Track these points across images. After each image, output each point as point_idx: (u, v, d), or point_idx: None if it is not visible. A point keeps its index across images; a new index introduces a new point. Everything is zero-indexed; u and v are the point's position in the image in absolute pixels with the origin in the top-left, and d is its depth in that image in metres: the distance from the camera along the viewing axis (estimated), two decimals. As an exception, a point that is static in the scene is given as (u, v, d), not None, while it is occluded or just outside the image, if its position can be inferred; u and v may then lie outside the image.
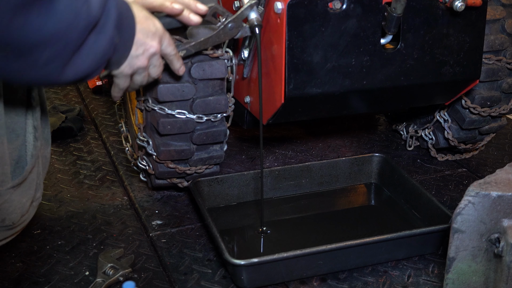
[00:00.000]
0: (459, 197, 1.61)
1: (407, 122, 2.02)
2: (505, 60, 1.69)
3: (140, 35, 1.20)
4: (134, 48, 1.20)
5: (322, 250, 1.34)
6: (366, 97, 1.58)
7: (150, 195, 1.71)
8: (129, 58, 1.20)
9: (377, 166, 1.77)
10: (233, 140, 2.03)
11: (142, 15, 1.21)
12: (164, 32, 1.27)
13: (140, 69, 1.25)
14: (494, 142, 2.08)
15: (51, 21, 0.97)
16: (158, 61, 1.29)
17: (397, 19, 1.44)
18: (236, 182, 1.65)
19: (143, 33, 1.20)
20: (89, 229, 1.55)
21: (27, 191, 1.23)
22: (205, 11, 1.39)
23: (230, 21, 1.42)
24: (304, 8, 1.40)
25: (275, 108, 1.50)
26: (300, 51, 1.43)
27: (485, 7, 1.55)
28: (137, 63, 1.23)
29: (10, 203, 1.18)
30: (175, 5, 1.33)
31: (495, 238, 1.20)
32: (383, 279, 1.39)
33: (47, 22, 0.96)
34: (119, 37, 1.13)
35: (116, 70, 1.22)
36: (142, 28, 1.20)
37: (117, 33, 1.11)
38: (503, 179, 1.22)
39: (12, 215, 1.20)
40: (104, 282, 1.33)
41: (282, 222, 1.60)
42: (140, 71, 1.26)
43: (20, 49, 0.96)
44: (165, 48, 1.30)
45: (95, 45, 1.07)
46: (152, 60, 1.27)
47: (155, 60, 1.27)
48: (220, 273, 1.40)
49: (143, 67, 1.25)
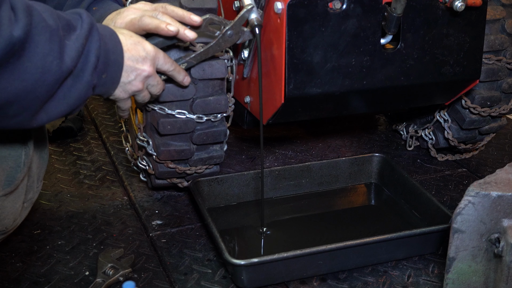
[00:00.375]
0: (459, 197, 1.61)
1: (407, 122, 2.02)
2: (505, 60, 1.69)
3: (130, 62, 1.21)
4: (125, 75, 1.22)
5: (322, 250, 1.34)
6: (366, 97, 1.58)
7: (150, 195, 1.71)
8: (121, 85, 1.22)
9: (377, 166, 1.77)
10: (233, 140, 2.03)
11: (131, 42, 1.23)
12: (156, 52, 1.28)
13: (136, 92, 1.28)
14: (494, 142, 2.08)
15: (17, 81, 0.99)
16: (155, 81, 1.31)
17: (397, 19, 1.44)
18: (236, 182, 1.65)
19: (132, 59, 1.22)
20: (89, 229, 1.55)
21: (20, 196, 1.23)
22: (199, 22, 1.38)
23: (228, 29, 1.41)
24: (304, 8, 1.40)
25: (275, 108, 1.50)
26: (300, 51, 1.43)
27: (485, 7, 1.55)
28: (131, 88, 1.25)
29: (2, 209, 1.19)
30: (170, 28, 1.32)
31: (495, 238, 1.20)
32: (383, 279, 1.39)
33: (13, 82, 0.98)
34: (105, 73, 1.15)
35: (111, 96, 1.24)
36: (131, 55, 1.21)
37: (98, 74, 1.13)
38: (503, 179, 1.22)
39: (5, 220, 1.21)
40: (104, 282, 1.33)
41: (282, 222, 1.60)
42: (138, 93, 1.29)
43: None
44: (161, 67, 1.31)
45: (71, 91, 1.09)
46: (148, 81, 1.29)
47: (151, 80, 1.29)
48: (220, 273, 1.40)
49: (139, 90, 1.27)
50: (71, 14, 1.12)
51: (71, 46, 1.05)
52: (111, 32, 1.18)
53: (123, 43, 1.20)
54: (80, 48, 1.07)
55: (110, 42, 1.16)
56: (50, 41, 1.01)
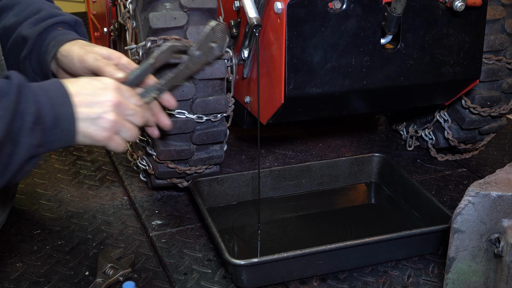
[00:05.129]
0: (459, 197, 1.61)
1: (407, 122, 2.02)
2: (505, 60, 1.69)
3: (88, 98, 1.12)
4: (89, 111, 1.11)
5: (322, 250, 1.34)
6: (366, 97, 1.58)
7: (150, 195, 1.71)
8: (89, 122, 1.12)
9: (377, 166, 1.77)
10: (233, 140, 2.03)
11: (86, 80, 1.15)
12: (119, 84, 1.18)
13: (115, 126, 1.15)
14: (494, 142, 2.08)
15: None
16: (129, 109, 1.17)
17: (397, 19, 1.44)
18: (236, 182, 1.65)
19: (88, 95, 1.12)
20: (89, 229, 1.55)
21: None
22: None
23: (195, 50, 1.31)
24: (304, 8, 1.40)
25: (275, 108, 1.50)
26: (300, 51, 1.43)
27: (485, 7, 1.55)
28: (106, 123, 1.13)
29: None
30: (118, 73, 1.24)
31: (495, 238, 1.20)
32: (383, 279, 1.39)
33: None
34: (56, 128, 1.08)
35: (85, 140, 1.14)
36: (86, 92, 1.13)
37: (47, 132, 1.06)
38: (503, 179, 1.22)
39: None
40: (104, 282, 1.33)
41: (282, 222, 1.60)
42: (120, 128, 1.16)
43: None
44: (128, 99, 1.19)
45: (12, 158, 1.04)
46: (122, 110, 1.16)
47: (124, 109, 1.16)
48: (220, 273, 1.40)
49: (116, 121, 1.15)
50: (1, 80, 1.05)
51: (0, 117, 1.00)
52: (58, 84, 1.11)
53: (74, 86, 1.11)
54: (10, 116, 1.01)
55: (56, 95, 1.08)
56: None
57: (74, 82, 1.14)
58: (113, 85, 1.16)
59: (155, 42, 1.45)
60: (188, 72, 1.33)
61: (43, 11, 1.39)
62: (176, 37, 1.44)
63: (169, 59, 1.32)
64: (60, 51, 1.32)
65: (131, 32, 1.57)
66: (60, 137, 1.09)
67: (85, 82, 1.15)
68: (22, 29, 1.36)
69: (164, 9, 1.48)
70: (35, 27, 1.36)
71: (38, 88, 1.08)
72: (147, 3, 1.50)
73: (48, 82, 1.12)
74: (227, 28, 1.39)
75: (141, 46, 1.46)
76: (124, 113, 1.17)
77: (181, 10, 1.48)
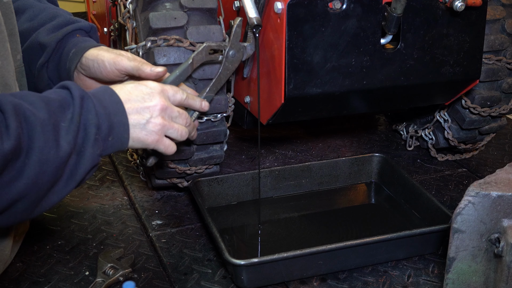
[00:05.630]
0: (459, 197, 1.61)
1: (407, 122, 2.02)
2: (505, 60, 1.69)
3: (137, 104, 1.16)
4: (139, 118, 1.16)
5: (322, 250, 1.34)
6: (366, 97, 1.58)
7: (150, 195, 1.71)
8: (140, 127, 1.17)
9: (377, 166, 1.77)
10: (233, 140, 2.03)
11: (131, 86, 1.19)
12: (162, 86, 1.23)
13: (164, 128, 1.20)
14: (494, 142, 2.08)
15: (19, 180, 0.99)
16: (175, 112, 1.23)
17: (397, 19, 1.44)
18: (236, 182, 1.65)
19: (137, 101, 1.17)
20: (89, 229, 1.55)
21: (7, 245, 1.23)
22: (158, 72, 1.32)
23: (229, 49, 1.39)
24: (304, 8, 1.40)
25: (275, 108, 1.50)
26: (300, 51, 1.43)
27: (485, 7, 1.55)
28: (155, 127, 1.19)
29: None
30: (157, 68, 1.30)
31: (495, 238, 1.20)
32: (383, 279, 1.39)
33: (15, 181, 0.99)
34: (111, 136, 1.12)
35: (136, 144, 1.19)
36: (134, 98, 1.17)
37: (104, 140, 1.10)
38: (503, 179, 1.22)
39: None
40: (104, 282, 1.33)
41: (282, 222, 1.60)
42: (167, 129, 1.21)
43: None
44: (173, 98, 1.25)
45: (77, 168, 1.08)
46: (168, 114, 1.21)
47: (170, 112, 1.22)
48: (220, 273, 1.40)
49: (164, 125, 1.20)
50: (60, 91, 1.10)
51: (66, 129, 1.04)
52: (110, 92, 1.15)
53: (122, 92, 1.16)
54: (75, 128, 1.05)
55: (110, 104, 1.12)
56: (43, 133, 1.01)
57: (121, 88, 1.17)
58: (158, 89, 1.21)
59: (155, 42, 1.45)
60: (227, 72, 1.41)
61: (59, 17, 1.39)
62: (176, 37, 1.44)
63: (205, 59, 1.38)
64: (85, 56, 1.32)
65: (131, 32, 1.57)
66: (113, 144, 1.13)
67: (132, 88, 1.18)
68: (39, 36, 1.36)
69: (164, 9, 1.48)
70: (53, 34, 1.36)
71: (94, 98, 1.10)
72: (147, 3, 1.50)
73: (101, 91, 1.14)
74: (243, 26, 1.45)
75: (141, 46, 1.46)
76: (171, 115, 1.22)
77: (181, 10, 1.48)
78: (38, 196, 1.03)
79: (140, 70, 1.30)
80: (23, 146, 0.99)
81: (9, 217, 1.03)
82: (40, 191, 1.03)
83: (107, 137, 1.11)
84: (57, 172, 1.03)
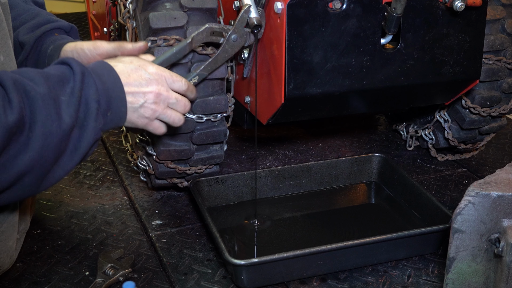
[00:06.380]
0: (459, 197, 1.61)
1: (407, 122, 2.02)
2: (505, 60, 1.69)
3: (134, 88, 1.20)
4: (134, 100, 1.20)
5: (322, 250, 1.34)
6: (366, 97, 1.58)
7: (150, 195, 1.71)
8: (133, 110, 1.21)
9: (377, 166, 1.77)
10: (233, 140, 2.03)
11: (131, 68, 1.22)
12: (161, 72, 1.26)
13: (157, 114, 1.25)
14: (494, 142, 2.08)
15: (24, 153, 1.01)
16: (173, 98, 1.26)
17: (397, 19, 1.44)
18: (236, 182, 1.65)
19: (135, 85, 1.21)
20: (89, 229, 1.55)
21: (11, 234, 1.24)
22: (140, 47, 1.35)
23: (231, 33, 1.40)
24: (304, 8, 1.40)
25: (275, 108, 1.50)
26: (300, 51, 1.43)
27: (485, 7, 1.55)
28: (147, 112, 1.23)
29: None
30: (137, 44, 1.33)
31: (495, 238, 1.20)
32: (383, 279, 1.39)
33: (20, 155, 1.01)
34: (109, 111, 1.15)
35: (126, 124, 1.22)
36: (133, 81, 1.20)
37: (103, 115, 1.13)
38: (503, 179, 1.22)
39: None
40: (104, 282, 1.33)
41: (282, 222, 1.60)
42: (159, 115, 1.26)
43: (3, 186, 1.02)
44: (172, 85, 1.28)
45: (80, 141, 1.10)
46: (165, 100, 1.25)
47: (167, 99, 1.25)
48: (220, 273, 1.40)
49: (158, 111, 1.24)
50: (59, 66, 1.12)
51: (67, 102, 1.06)
52: (108, 68, 1.17)
53: (122, 73, 1.19)
54: (76, 102, 1.07)
55: (109, 79, 1.15)
56: (45, 107, 1.03)
57: (124, 64, 1.21)
58: (157, 76, 1.24)
59: (155, 42, 1.45)
60: (226, 55, 1.41)
61: (39, 17, 1.42)
62: (176, 37, 1.44)
63: (205, 39, 1.38)
64: (64, 49, 1.35)
65: (131, 32, 1.57)
66: (112, 119, 1.17)
67: (131, 71, 1.21)
68: (18, 35, 1.39)
69: (164, 9, 1.48)
70: (32, 32, 1.39)
71: (94, 73, 1.13)
72: (147, 3, 1.50)
73: (99, 66, 1.17)
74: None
75: (141, 46, 1.46)
76: (167, 102, 1.26)
77: (181, 10, 1.48)
78: (44, 170, 1.05)
79: (122, 48, 1.33)
80: (26, 119, 1.01)
81: (17, 191, 1.05)
82: (46, 164, 1.05)
83: (106, 112, 1.14)
84: (60, 145, 1.05)
